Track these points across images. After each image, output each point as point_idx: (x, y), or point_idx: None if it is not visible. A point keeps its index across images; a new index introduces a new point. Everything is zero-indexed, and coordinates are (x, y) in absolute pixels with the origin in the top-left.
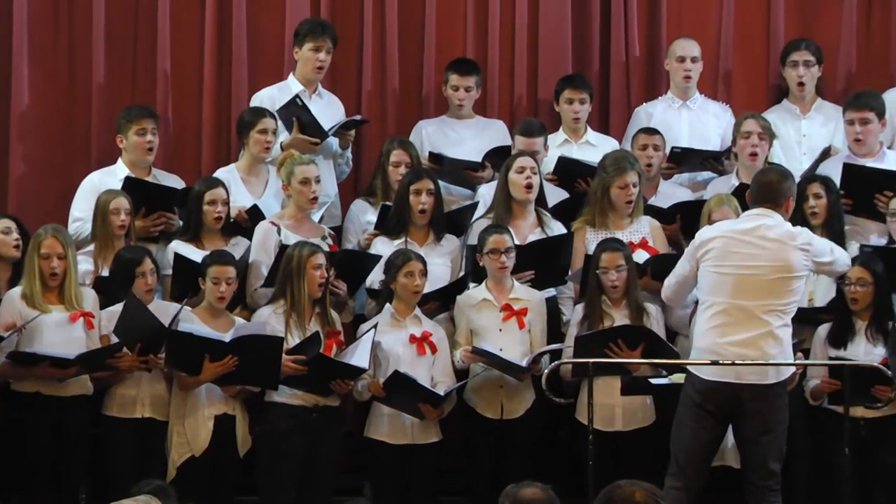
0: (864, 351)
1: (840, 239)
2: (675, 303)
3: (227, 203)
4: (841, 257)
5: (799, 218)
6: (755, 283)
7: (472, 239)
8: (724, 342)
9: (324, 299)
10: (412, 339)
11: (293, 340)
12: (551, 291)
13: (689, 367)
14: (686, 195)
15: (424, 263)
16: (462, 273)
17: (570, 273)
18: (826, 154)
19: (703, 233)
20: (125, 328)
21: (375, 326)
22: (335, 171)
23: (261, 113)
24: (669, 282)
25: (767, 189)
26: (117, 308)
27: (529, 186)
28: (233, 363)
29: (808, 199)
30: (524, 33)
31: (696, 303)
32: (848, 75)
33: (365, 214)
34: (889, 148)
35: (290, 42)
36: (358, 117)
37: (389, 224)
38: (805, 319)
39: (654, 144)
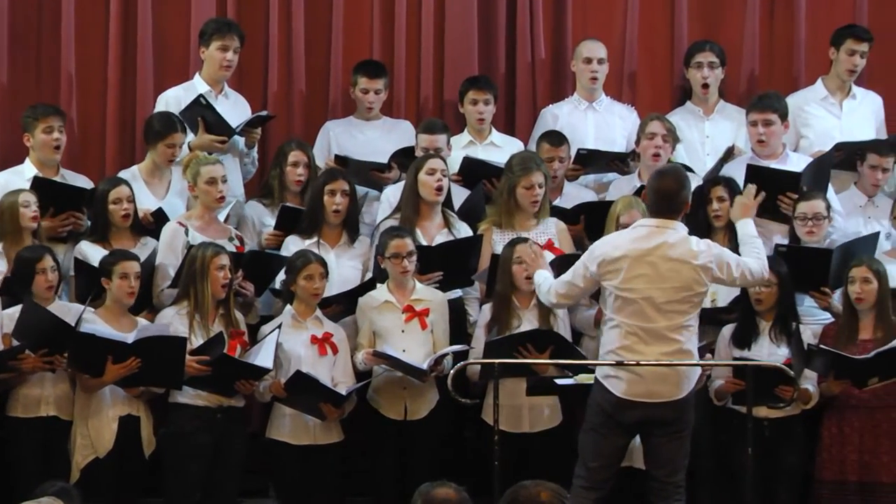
0: (768, 351)
1: None
2: (560, 308)
3: (132, 201)
4: (750, 269)
5: (702, 220)
6: (660, 305)
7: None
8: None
9: (228, 300)
10: (313, 339)
11: (197, 341)
12: (457, 292)
13: (601, 382)
14: (590, 196)
15: (325, 265)
16: (370, 275)
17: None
18: (729, 154)
19: (606, 250)
20: (24, 329)
21: (279, 327)
22: (241, 171)
23: (172, 126)
24: (558, 289)
25: (667, 199)
26: (18, 309)
27: (440, 189)
28: (136, 365)
29: (712, 202)
30: (430, 35)
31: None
32: (751, 77)
33: (260, 215)
34: (793, 150)
35: (196, 42)
36: (264, 113)
37: (303, 223)
38: (708, 320)
39: (560, 157)
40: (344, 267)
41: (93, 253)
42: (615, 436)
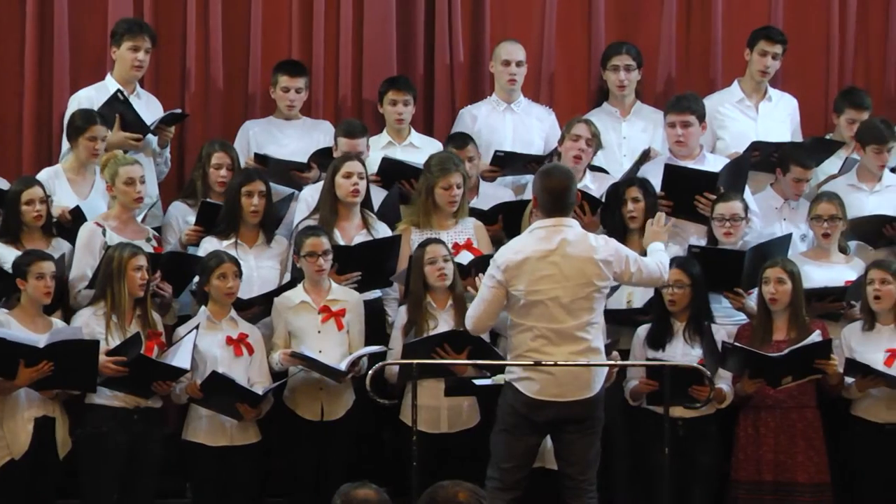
0: (682, 352)
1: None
2: (483, 331)
3: (45, 202)
4: (648, 268)
5: (618, 221)
6: (567, 305)
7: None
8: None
9: (145, 301)
10: (229, 340)
11: (113, 342)
12: (376, 293)
13: (510, 382)
14: (509, 196)
15: (238, 265)
16: (289, 275)
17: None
18: (645, 156)
19: (508, 256)
20: None
21: (197, 328)
22: (155, 171)
23: (92, 119)
24: (475, 312)
25: (559, 197)
26: None
27: (356, 192)
28: (48, 368)
29: (627, 203)
30: (349, 35)
31: None
32: (668, 79)
33: (184, 215)
34: (709, 152)
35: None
36: (179, 111)
37: (220, 225)
38: (623, 320)
39: (468, 157)
40: (263, 267)
41: (5, 254)
42: (527, 436)
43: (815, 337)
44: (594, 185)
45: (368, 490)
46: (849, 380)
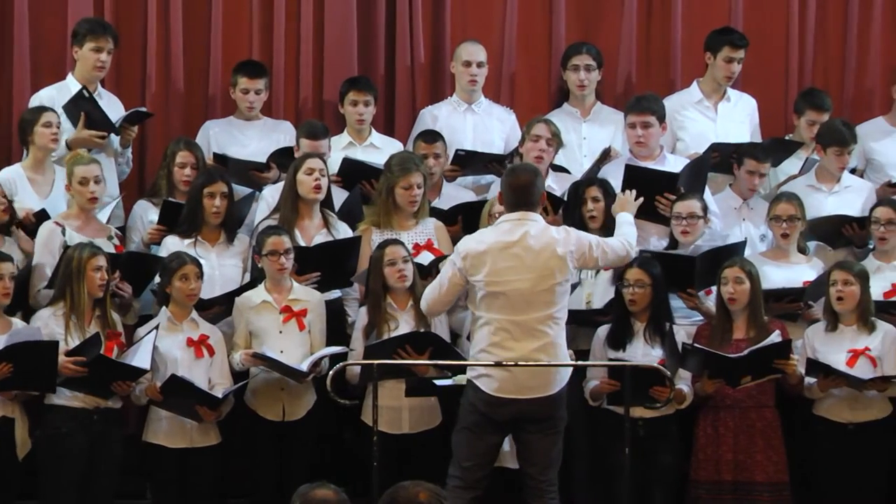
0: (642, 352)
1: None
2: (436, 315)
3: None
4: (611, 247)
5: (577, 221)
6: (528, 296)
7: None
8: (504, 359)
9: (104, 301)
10: (189, 342)
11: (73, 342)
12: (336, 293)
13: (471, 380)
14: (470, 197)
15: (200, 266)
16: (248, 274)
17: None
18: (605, 157)
19: (470, 245)
20: None
21: (157, 328)
22: (116, 171)
23: (41, 109)
24: (431, 294)
25: (523, 192)
26: None
27: (318, 188)
28: (7, 370)
29: (587, 203)
30: (310, 35)
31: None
32: (628, 80)
33: (148, 214)
34: (669, 152)
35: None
36: (143, 109)
37: (182, 225)
38: (583, 321)
39: (435, 153)
40: (225, 266)
41: None
42: (488, 434)
43: (775, 337)
44: (556, 185)
45: (327, 490)
46: (811, 380)
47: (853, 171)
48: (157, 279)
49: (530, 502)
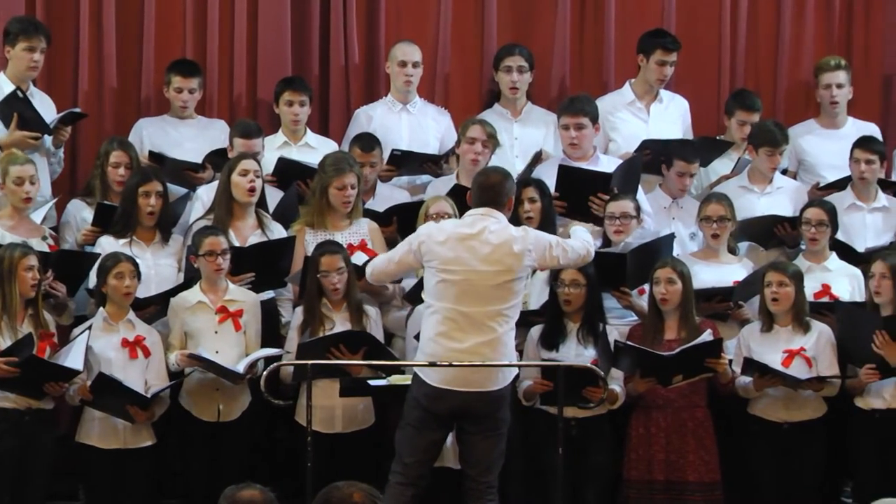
0: (575, 352)
1: None
2: (378, 282)
3: None
4: (571, 247)
5: (514, 222)
6: (480, 288)
7: (191, 240)
8: (450, 349)
9: (36, 301)
10: (124, 343)
11: (4, 343)
12: (270, 293)
13: (416, 372)
14: (404, 197)
15: (136, 265)
16: (182, 274)
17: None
18: (538, 158)
19: (431, 230)
20: None
21: (90, 328)
22: (48, 171)
23: None
24: (380, 264)
25: (491, 191)
26: None
27: (253, 190)
28: None
29: (524, 203)
30: (243, 35)
31: (412, 307)
32: (561, 81)
33: (82, 214)
34: (602, 153)
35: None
36: (77, 110)
37: (116, 225)
38: (519, 321)
39: (371, 162)
40: (161, 265)
41: None
42: (430, 430)
43: (706, 336)
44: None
45: (253, 491)
46: (746, 379)
47: (785, 172)
48: (94, 279)
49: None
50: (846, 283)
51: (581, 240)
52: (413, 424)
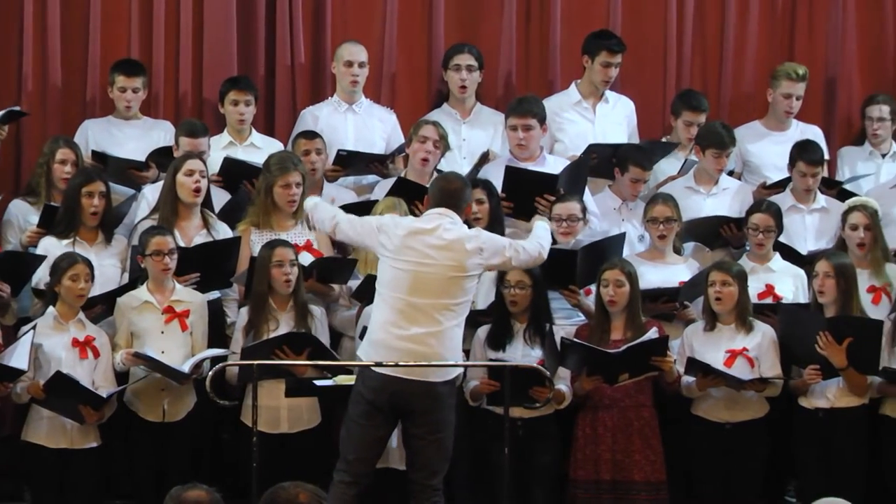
0: (522, 353)
1: None
2: (336, 235)
3: None
4: (524, 247)
5: (463, 223)
6: (430, 281)
7: (136, 240)
8: (396, 335)
9: None
10: (75, 342)
11: None
12: (216, 293)
13: (358, 363)
14: (351, 197)
15: (91, 268)
16: (127, 274)
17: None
18: (485, 159)
19: (393, 220)
20: None
21: (34, 327)
22: None
23: None
24: (349, 222)
25: (452, 195)
26: None
27: (198, 190)
28: None
29: (471, 205)
30: (189, 34)
31: (360, 307)
32: (507, 81)
33: (25, 214)
34: (548, 153)
35: None
36: (17, 108)
37: (59, 225)
38: (466, 321)
39: (317, 149)
40: (104, 266)
41: None
42: (374, 427)
43: (652, 334)
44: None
45: (199, 491)
46: (689, 379)
47: (730, 174)
48: (38, 278)
49: None
50: (790, 283)
51: (535, 240)
52: (357, 420)
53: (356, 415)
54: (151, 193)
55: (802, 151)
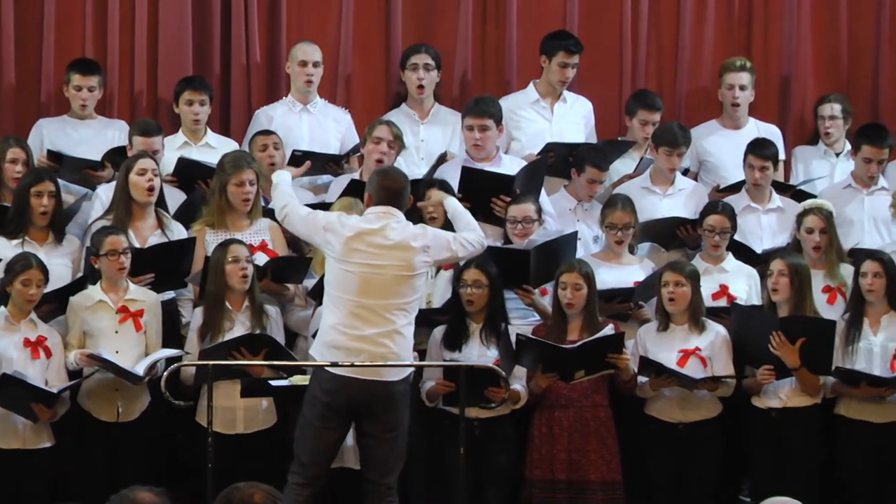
0: (478, 353)
1: None
2: (285, 221)
3: None
4: (467, 240)
5: (418, 222)
6: (380, 282)
7: (89, 240)
8: (351, 337)
9: None
10: (26, 342)
11: None
12: (170, 294)
13: (316, 363)
14: (307, 197)
15: (46, 273)
16: (80, 274)
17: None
18: (442, 159)
19: (341, 219)
20: None
21: None
22: None
23: None
24: (297, 207)
25: (395, 193)
26: None
27: (151, 189)
28: None
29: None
30: (144, 34)
31: (316, 306)
32: (463, 81)
33: None
34: (504, 153)
35: None
36: None
37: (9, 225)
38: (423, 321)
39: (274, 143)
40: (54, 265)
41: None
42: (330, 429)
43: (608, 330)
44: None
45: (148, 493)
46: (642, 379)
47: (686, 173)
48: None
49: None
50: (743, 283)
51: (471, 230)
52: (312, 423)
53: (311, 417)
54: (105, 193)
55: (754, 146)
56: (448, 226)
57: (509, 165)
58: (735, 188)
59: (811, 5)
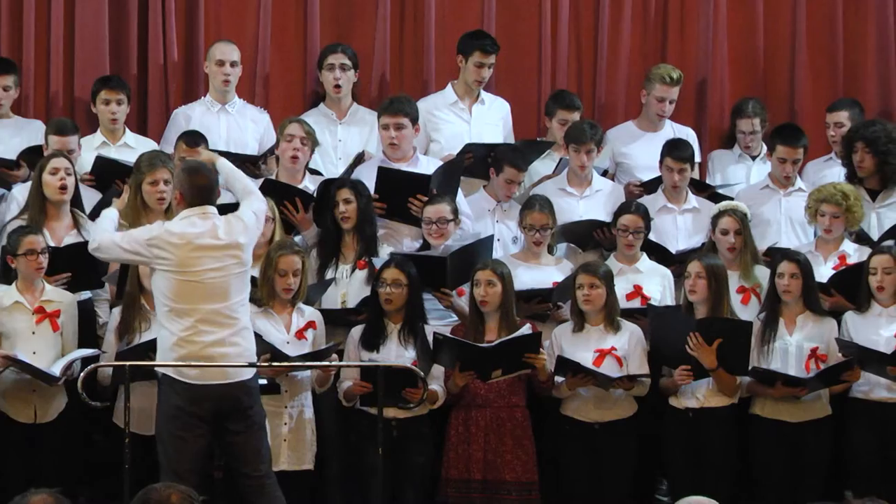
0: (396, 353)
1: (372, 244)
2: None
3: None
4: (260, 213)
5: (330, 223)
6: (220, 285)
7: (4, 240)
8: (204, 344)
9: None
10: None
11: None
12: (87, 293)
13: (171, 376)
14: (227, 198)
15: None
16: None
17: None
18: (360, 159)
19: (162, 233)
20: None
21: None
22: None
23: None
24: (106, 240)
25: (207, 191)
26: None
27: (64, 188)
28: None
29: (339, 205)
30: (60, 32)
31: None
32: (382, 81)
33: None
34: (423, 154)
35: None
36: None
37: None
38: (337, 321)
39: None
40: None
41: None
42: (199, 437)
43: (525, 330)
44: (313, 187)
45: (44, 496)
46: (559, 379)
47: (605, 174)
48: None
49: (256, 502)
50: (657, 283)
51: (260, 201)
52: (178, 435)
53: (176, 429)
54: (21, 193)
55: (671, 148)
56: (361, 223)
57: (426, 166)
58: (654, 182)
59: (727, 7)
